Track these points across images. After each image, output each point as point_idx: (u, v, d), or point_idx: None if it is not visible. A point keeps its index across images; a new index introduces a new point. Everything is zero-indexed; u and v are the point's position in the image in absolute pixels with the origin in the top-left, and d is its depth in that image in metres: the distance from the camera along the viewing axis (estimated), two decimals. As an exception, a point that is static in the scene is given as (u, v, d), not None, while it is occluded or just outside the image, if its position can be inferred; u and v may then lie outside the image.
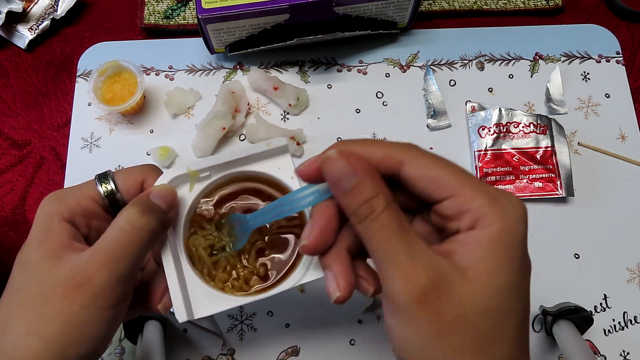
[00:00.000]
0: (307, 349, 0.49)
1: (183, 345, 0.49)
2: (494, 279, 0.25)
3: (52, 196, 0.33)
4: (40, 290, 0.29)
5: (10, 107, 0.58)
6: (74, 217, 0.32)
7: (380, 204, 0.26)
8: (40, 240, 0.31)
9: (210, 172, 0.35)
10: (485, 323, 0.24)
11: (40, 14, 0.61)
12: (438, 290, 0.24)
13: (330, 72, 0.59)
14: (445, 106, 0.57)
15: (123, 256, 0.30)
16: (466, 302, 0.24)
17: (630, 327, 0.50)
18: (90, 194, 0.33)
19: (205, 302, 0.34)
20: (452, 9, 0.62)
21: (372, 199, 0.26)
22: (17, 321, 0.29)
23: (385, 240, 0.25)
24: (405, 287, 0.24)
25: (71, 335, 0.29)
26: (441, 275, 0.25)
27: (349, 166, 0.26)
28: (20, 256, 0.32)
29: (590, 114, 0.57)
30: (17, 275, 0.31)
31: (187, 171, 0.34)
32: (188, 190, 0.35)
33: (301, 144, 0.54)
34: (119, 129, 0.56)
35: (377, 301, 0.50)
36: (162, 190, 0.33)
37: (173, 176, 0.34)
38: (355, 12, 0.54)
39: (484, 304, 0.24)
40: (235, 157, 0.35)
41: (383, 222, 0.25)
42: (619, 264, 0.52)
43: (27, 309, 0.29)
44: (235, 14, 0.50)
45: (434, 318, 0.24)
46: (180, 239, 0.34)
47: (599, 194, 0.54)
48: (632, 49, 0.61)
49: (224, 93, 0.54)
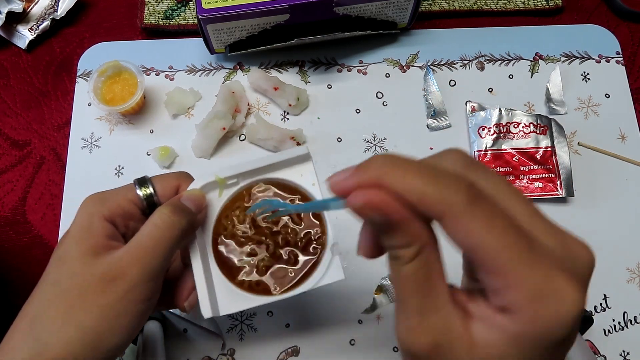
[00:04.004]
0: (307, 349, 0.49)
1: (183, 345, 0.49)
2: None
3: (93, 197, 0.35)
4: (76, 283, 0.31)
5: (11, 107, 0.58)
6: (114, 217, 0.34)
7: (408, 255, 0.23)
8: (80, 237, 0.33)
9: (237, 179, 0.38)
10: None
11: (40, 14, 0.61)
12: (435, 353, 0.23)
13: (330, 72, 0.59)
14: (445, 106, 0.57)
15: (155, 251, 0.32)
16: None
17: (630, 327, 0.50)
18: (130, 196, 0.35)
19: (229, 300, 0.36)
20: (452, 9, 0.62)
21: (401, 248, 0.23)
22: (52, 311, 0.31)
23: (402, 289, 0.24)
24: (406, 340, 0.24)
25: (105, 326, 0.31)
26: (445, 339, 0.23)
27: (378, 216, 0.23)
28: (57, 251, 0.33)
29: (590, 114, 0.57)
30: (53, 268, 0.33)
31: (215, 179, 0.37)
32: (217, 195, 0.38)
33: (301, 144, 0.54)
34: (119, 129, 0.56)
35: (377, 301, 0.50)
36: (192, 194, 0.36)
37: (204, 183, 0.37)
38: (355, 12, 0.54)
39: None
40: (260, 165, 0.37)
41: (406, 272, 0.23)
42: (619, 264, 0.52)
43: (63, 300, 0.31)
44: (235, 14, 0.50)
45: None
46: (209, 240, 0.37)
47: (599, 194, 0.54)
48: (632, 49, 0.61)
49: (224, 93, 0.54)
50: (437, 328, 0.23)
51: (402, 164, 0.23)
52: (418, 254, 0.23)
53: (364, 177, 0.23)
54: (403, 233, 0.23)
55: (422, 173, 0.22)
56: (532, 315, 0.21)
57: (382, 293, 0.50)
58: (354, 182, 0.24)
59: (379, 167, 0.23)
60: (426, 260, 0.23)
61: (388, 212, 0.22)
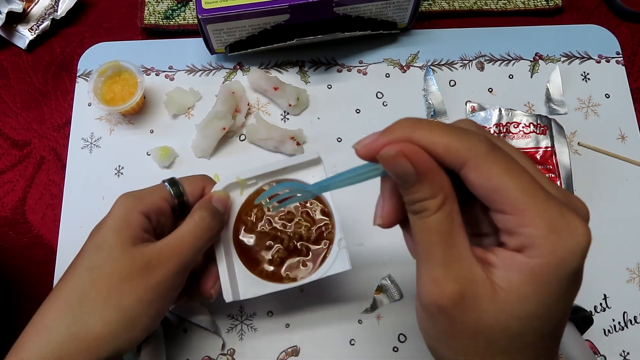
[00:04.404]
0: (307, 349, 0.49)
1: (183, 345, 0.49)
2: (523, 307, 0.24)
3: (130, 194, 0.38)
4: (116, 269, 0.34)
5: (10, 107, 0.58)
6: (149, 213, 0.37)
7: (434, 206, 0.25)
8: (118, 227, 0.36)
9: (256, 180, 0.43)
10: (500, 339, 0.25)
11: (40, 14, 0.61)
12: (461, 302, 0.24)
13: (330, 72, 0.59)
14: (445, 106, 0.57)
15: (193, 246, 0.37)
16: (486, 319, 0.24)
17: (630, 327, 0.50)
18: (163, 195, 0.39)
19: (248, 287, 0.41)
20: (452, 9, 0.62)
21: (426, 200, 0.25)
22: (93, 293, 0.34)
23: (427, 241, 0.25)
24: (431, 291, 0.25)
25: (141, 309, 0.34)
26: (470, 288, 0.24)
27: (409, 166, 0.24)
28: (95, 239, 0.36)
29: (590, 114, 0.57)
30: (91, 254, 0.35)
31: (237, 180, 0.42)
32: (239, 194, 0.43)
33: (301, 144, 0.54)
34: (119, 129, 0.56)
35: (377, 301, 0.50)
36: (221, 196, 0.40)
37: (227, 184, 0.42)
38: (355, 12, 0.54)
39: (504, 325, 0.24)
40: (276, 168, 0.42)
41: (431, 223, 0.25)
42: (619, 264, 0.52)
43: (104, 283, 0.34)
44: (235, 14, 0.50)
45: (451, 323, 0.25)
46: (230, 234, 0.42)
47: (599, 194, 0.54)
48: (632, 49, 0.61)
49: (224, 93, 0.54)
50: (462, 277, 0.24)
51: (426, 123, 0.25)
52: (443, 204, 0.25)
53: (392, 136, 0.25)
54: (430, 183, 0.24)
55: (445, 129, 0.25)
56: (549, 247, 0.23)
57: (382, 293, 0.50)
58: (382, 141, 0.25)
59: (405, 127, 0.25)
60: (450, 211, 0.25)
61: (419, 161, 0.24)
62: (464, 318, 0.25)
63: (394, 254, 0.51)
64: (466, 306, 0.24)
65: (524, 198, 0.23)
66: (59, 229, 0.53)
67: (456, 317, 0.25)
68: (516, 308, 0.24)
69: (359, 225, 0.52)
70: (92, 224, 0.38)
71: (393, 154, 0.24)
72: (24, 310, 0.37)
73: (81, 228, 0.52)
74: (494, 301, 0.24)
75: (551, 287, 0.24)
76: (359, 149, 0.27)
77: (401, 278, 0.50)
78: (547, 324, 0.25)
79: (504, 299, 0.24)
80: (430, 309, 0.25)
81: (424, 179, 0.24)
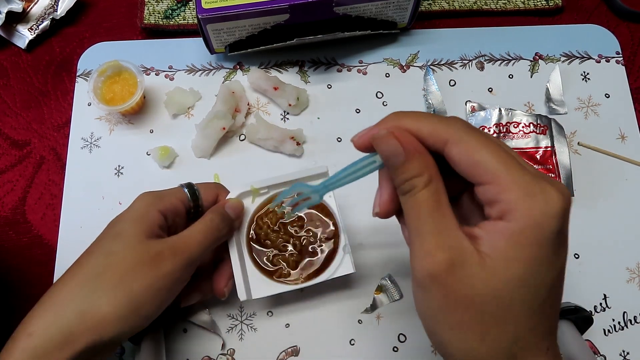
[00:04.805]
0: (307, 349, 0.49)
1: (183, 345, 0.49)
2: (508, 271, 0.26)
3: (151, 193, 0.41)
4: (131, 256, 0.37)
5: (10, 107, 0.58)
6: (166, 211, 0.40)
7: (421, 183, 0.28)
8: (137, 219, 0.39)
9: (268, 189, 0.46)
10: (491, 307, 0.26)
11: (40, 14, 0.61)
12: (452, 270, 0.26)
13: (330, 72, 0.59)
14: (445, 106, 0.57)
15: (202, 244, 0.40)
16: (477, 286, 0.26)
17: (630, 327, 0.50)
18: (180, 196, 0.42)
19: (259, 286, 0.44)
20: (452, 9, 0.62)
21: (414, 178, 0.28)
22: (106, 276, 0.36)
23: (417, 216, 0.28)
24: (423, 262, 0.27)
25: (149, 295, 0.37)
26: (459, 256, 0.26)
27: (398, 145, 0.28)
28: (114, 227, 0.39)
29: (590, 114, 0.57)
30: (109, 241, 0.38)
31: (250, 189, 0.46)
32: (251, 202, 0.46)
33: (301, 144, 0.54)
34: (119, 129, 0.56)
35: (377, 301, 0.50)
36: (235, 204, 0.44)
37: (241, 191, 0.46)
38: (355, 12, 0.54)
39: (494, 291, 0.26)
40: (287, 179, 0.46)
41: (419, 199, 0.28)
42: (619, 264, 0.52)
43: (117, 268, 0.36)
44: (235, 14, 0.50)
45: (444, 293, 0.27)
46: (244, 236, 0.46)
47: (599, 194, 0.54)
48: (632, 49, 0.61)
49: (224, 93, 0.54)
50: (451, 246, 0.27)
51: (413, 113, 0.29)
52: (429, 182, 0.28)
53: (383, 126, 0.29)
54: (417, 161, 0.28)
55: (429, 116, 0.29)
56: (526, 210, 0.25)
57: (382, 293, 0.50)
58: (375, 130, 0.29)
59: (395, 117, 0.30)
60: (436, 188, 0.28)
61: (406, 141, 0.28)
62: (455, 287, 0.26)
63: (394, 254, 0.51)
64: (457, 274, 0.26)
65: (501, 167, 0.26)
66: (58, 229, 0.53)
67: (448, 285, 0.26)
68: (502, 272, 0.26)
69: (360, 225, 0.52)
70: (92, 223, 0.38)
71: (384, 133, 0.29)
72: (24, 310, 0.36)
73: (81, 228, 0.52)
74: (482, 267, 0.26)
75: (532, 249, 0.26)
76: (356, 140, 0.31)
77: (401, 278, 0.51)
78: (535, 292, 0.26)
79: (490, 264, 0.26)
80: (424, 282, 0.27)
81: (411, 158, 0.28)
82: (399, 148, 0.28)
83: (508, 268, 0.26)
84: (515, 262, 0.26)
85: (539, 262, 0.26)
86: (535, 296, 0.27)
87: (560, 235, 0.26)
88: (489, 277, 0.26)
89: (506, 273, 0.26)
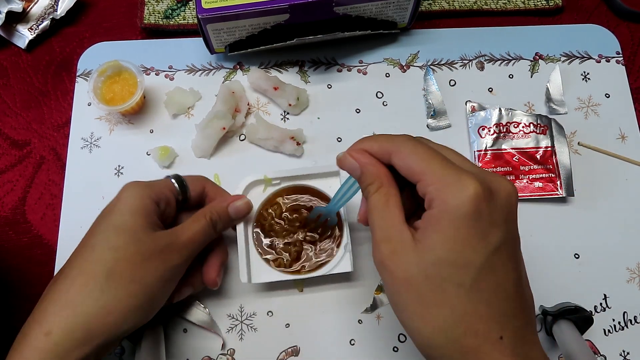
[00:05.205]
0: (307, 349, 0.49)
1: (183, 345, 0.49)
2: (434, 252, 0.30)
3: (138, 182, 0.41)
4: (140, 250, 0.37)
5: (10, 107, 0.58)
6: (159, 200, 0.41)
7: (373, 188, 0.34)
8: (136, 211, 0.39)
9: (280, 181, 0.49)
10: (426, 287, 0.30)
11: (40, 14, 0.61)
12: (393, 257, 0.31)
13: (330, 72, 0.59)
14: (445, 106, 0.57)
15: (201, 243, 0.42)
16: (411, 269, 0.30)
17: (630, 327, 0.50)
18: (169, 186, 0.43)
19: (259, 272, 0.47)
20: (452, 9, 0.62)
21: (368, 185, 0.34)
22: (118, 270, 0.37)
23: (371, 215, 0.34)
24: (375, 252, 0.33)
25: (161, 286, 0.39)
26: (399, 246, 0.31)
27: (353, 162, 0.35)
28: (112, 221, 0.39)
29: (590, 114, 0.57)
30: (111, 235, 0.38)
31: (263, 178, 0.48)
32: (262, 191, 0.49)
33: (301, 144, 0.54)
34: (119, 129, 0.56)
35: (377, 301, 0.50)
36: (240, 207, 0.45)
37: (254, 179, 0.48)
38: (355, 12, 0.54)
39: (425, 272, 0.30)
40: (300, 173, 0.48)
41: (372, 201, 0.34)
42: (619, 264, 0.52)
43: (129, 262, 0.37)
44: (235, 14, 0.50)
45: (390, 278, 0.32)
46: (251, 224, 0.48)
47: (599, 194, 0.54)
48: (632, 49, 0.61)
49: (224, 93, 0.54)
50: (393, 238, 0.32)
51: (373, 136, 0.36)
52: (379, 188, 0.33)
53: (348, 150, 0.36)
54: (369, 172, 0.34)
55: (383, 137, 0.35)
56: (442, 197, 0.30)
57: (382, 293, 0.50)
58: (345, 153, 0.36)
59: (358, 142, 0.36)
60: (386, 193, 0.33)
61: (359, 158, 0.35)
62: (396, 271, 0.31)
63: (394, 254, 0.51)
64: (397, 259, 0.31)
65: (428, 166, 0.31)
66: (58, 229, 0.53)
67: (392, 271, 0.31)
68: (429, 254, 0.30)
69: (359, 226, 0.52)
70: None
71: (341, 156, 0.36)
72: (24, 310, 0.36)
73: (81, 228, 0.52)
74: (415, 252, 0.30)
75: (449, 232, 0.30)
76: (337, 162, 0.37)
77: (401, 278, 0.51)
78: (463, 272, 0.29)
79: (421, 248, 0.30)
80: (378, 269, 0.33)
81: (365, 170, 0.34)
82: (354, 163, 0.35)
83: (433, 249, 0.30)
84: (438, 244, 0.30)
85: (460, 242, 0.29)
86: (463, 276, 0.29)
87: (481, 217, 0.29)
88: (420, 259, 0.30)
89: (432, 255, 0.30)
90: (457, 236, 0.29)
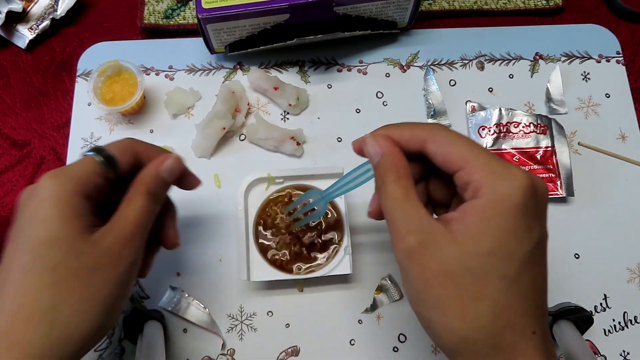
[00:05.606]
0: (307, 349, 0.49)
1: (183, 345, 0.49)
2: (478, 243, 0.28)
3: (55, 176, 0.33)
4: (83, 263, 0.31)
5: (10, 107, 0.58)
6: (89, 192, 0.33)
7: (390, 177, 0.32)
8: (66, 217, 0.32)
9: (283, 180, 0.49)
10: (466, 281, 0.28)
11: (40, 14, 0.61)
12: (424, 250, 0.29)
13: (330, 72, 0.59)
14: (445, 106, 0.57)
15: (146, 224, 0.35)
16: (449, 261, 0.28)
17: (630, 327, 0.50)
18: (94, 168, 0.34)
19: (259, 271, 0.47)
20: (452, 9, 0.62)
21: (386, 173, 0.32)
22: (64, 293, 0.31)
23: (388, 206, 0.32)
24: (398, 245, 0.30)
25: (118, 293, 0.33)
26: (429, 237, 0.29)
27: (376, 146, 0.33)
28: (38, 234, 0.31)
29: (590, 113, 0.57)
30: (44, 253, 0.31)
31: (267, 176, 0.49)
32: (265, 189, 0.49)
33: (301, 144, 0.54)
34: (119, 129, 0.56)
35: (377, 301, 0.50)
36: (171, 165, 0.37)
37: (256, 177, 0.48)
38: (355, 12, 0.54)
39: (466, 264, 0.28)
40: (303, 173, 0.49)
41: (389, 191, 0.32)
42: (619, 264, 0.52)
43: (74, 281, 0.31)
44: (235, 13, 0.50)
45: (421, 271, 0.29)
46: (252, 222, 0.48)
47: (599, 194, 0.54)
48: (632, 49, 0.61)
49: (224, 93, 0.54)
50: (420, 229, 0.29)
51: (398, 124, 0.34)
52: (398, 177, 0.32)
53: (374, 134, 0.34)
54: (389, 159, 0.32)
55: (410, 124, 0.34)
56: (491, 186, 0.29)
57: (382, 293, 0.50)
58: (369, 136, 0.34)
59: (384, 127, 0.34)
60: (404, 184, 0.32)
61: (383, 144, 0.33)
62: (429, 264, 0.29)
63: (394, 254, 0.51)
64: (429, 252, 0.29)
65: (472, 154, 0.30)
66: (58, 229, 0.52)
67: (423, 263, 0.29)
68: (472, 245, 0.28)
69: (361, 226, 0.52)
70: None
71: (365, 139, 0.34)
72: (24, 310, 0.36)
73: (81, 228, 0.52)
74: (453, 243, 0.28)
75: (498, 221, 0.28)
76: (354, 144, 0.36)
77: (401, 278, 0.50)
78: (507, 264, 0.28)
79: (461, 239, 0.28)
80: (403, 264, 0.30)
81: (385, 157, 0.33)
82: (377, 148, 0.33)
83: (477, 241, 0.28)
84: (483, 235, 0.28)
85: (506, 233, 0.28)
86: (507, 268, 0.28)
87: (528, 210, 0.28)
88: (460, 251, 0.28)
89: (475, 246, 0.28)
90: (505, 227, 0.28)
